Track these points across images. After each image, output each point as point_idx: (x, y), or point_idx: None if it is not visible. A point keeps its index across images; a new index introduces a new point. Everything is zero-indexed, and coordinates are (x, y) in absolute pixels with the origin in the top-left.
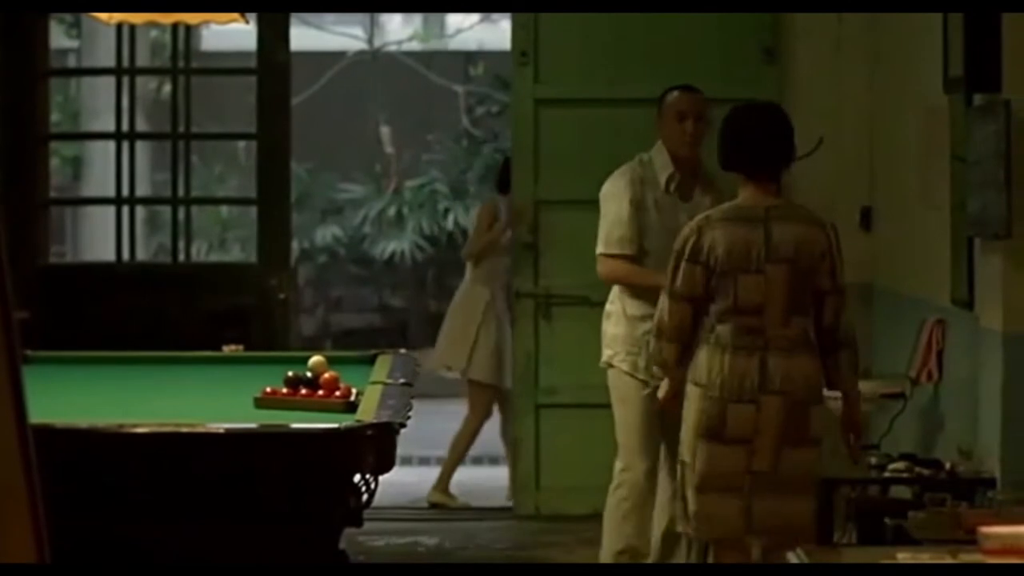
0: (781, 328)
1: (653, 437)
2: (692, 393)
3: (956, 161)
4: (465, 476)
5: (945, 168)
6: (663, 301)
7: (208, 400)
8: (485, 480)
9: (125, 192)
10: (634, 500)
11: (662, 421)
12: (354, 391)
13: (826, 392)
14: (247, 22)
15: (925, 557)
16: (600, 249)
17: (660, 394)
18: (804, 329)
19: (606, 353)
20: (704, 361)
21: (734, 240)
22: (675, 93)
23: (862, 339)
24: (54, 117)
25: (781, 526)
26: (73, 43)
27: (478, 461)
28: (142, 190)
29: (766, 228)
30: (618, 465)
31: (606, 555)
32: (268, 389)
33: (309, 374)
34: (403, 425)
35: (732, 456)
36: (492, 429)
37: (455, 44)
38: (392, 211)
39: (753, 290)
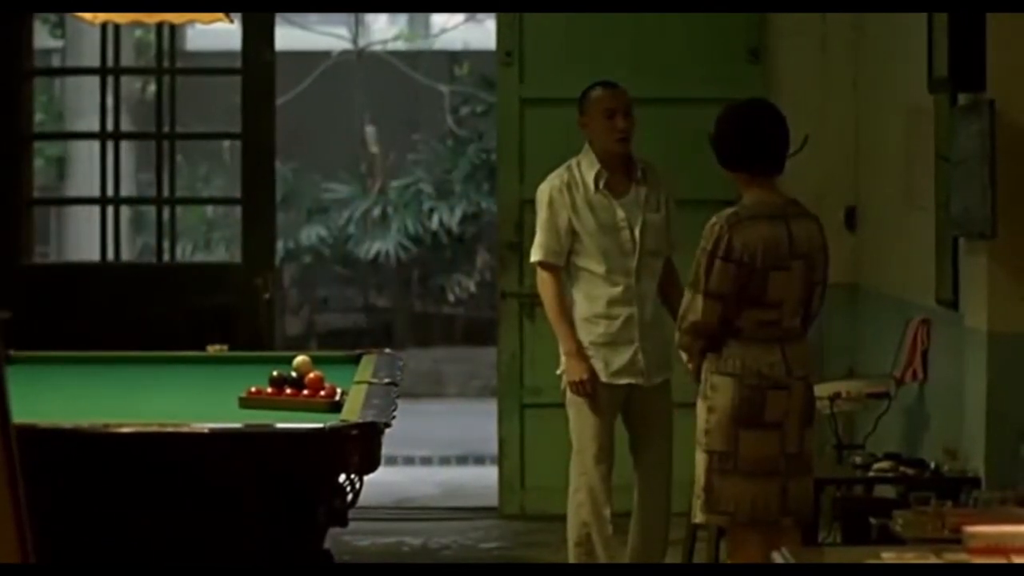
0: (792, 319)
1: (610, 440)
2: (723, 384)
3: (941, 161)
4: (449, 476)
5: (930, 168)
6: (693, 299)
7: (193, 400)
8: (471, 480)
9: (110, 192)
10: (591, 504)
11: (632, 423)
12: (339, 391)
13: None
14: (232, 22)
15: (910, 557)
16: (531, 255)
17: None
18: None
19: (563, 360)
20: (733, 352)
21: (767, 238)
22: (598, 90)
23: (847, 339)
24: (38, 117)
25: (807, 504)
26: (57, 43)
27: (464, 461)
28: (127, 190)
29: (787, 225)
30: (575, 470)
31: (570, 551)
32: (253, 389)
33: (294, 374)
34: (388, 425)
35: (769, 440)
36: (483, 429)
37: (440, 44)
38: (377, 211)
39: (781, 286)
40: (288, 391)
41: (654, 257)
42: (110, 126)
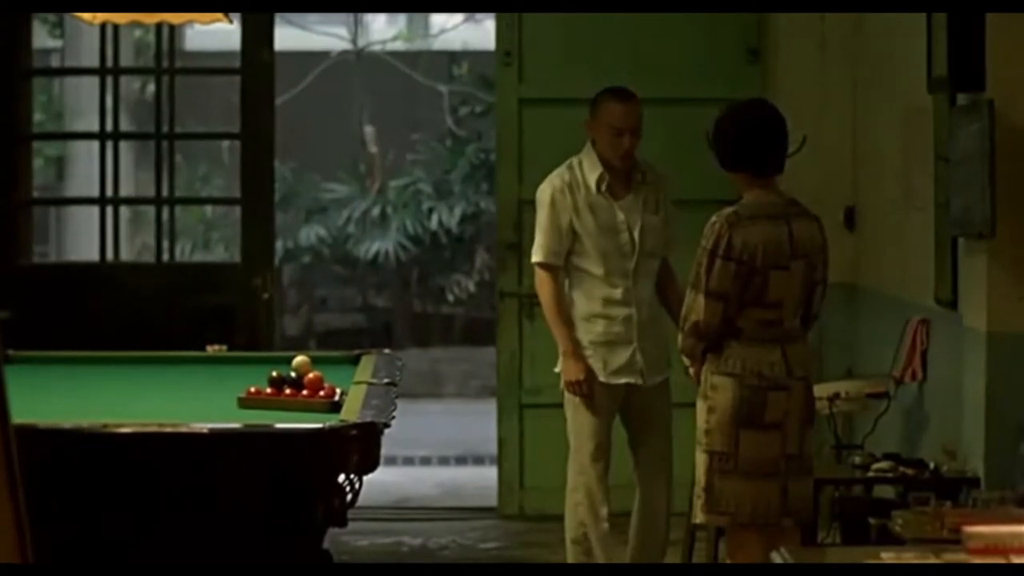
0: (792, 319)
1: (607, 439)
2: (723, 384)
3: (940, 161)
4: (448, 476)
5: (929, 168)
6: (695, 299)
7: (192, 400)
8: (469, 480)
9: (109, 192)
10: (588, 503)
11: (631, 423)
12: (338, 391)
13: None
14: (231, 22)
15: (909, 557)
16: (532, 256)
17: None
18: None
19: (560, 360)
20: (734, 352)
21: (768, 238)
22: (613, 103)
23: (846, 339)
24: (37, 117)
25: (807, 505)
26: (56, 43)
27: (463, 461)
28: (126, 190)
29: (788, 225)
30: (572, 469)
31: (567, 550)
32: (252, 389)
33: (293, 374)
34: (387, 425)
35: (770, 441)
36: (482, 429)
37: (439, 44)
38: (376, 211)
39: (781, 286)
40: (287, 391)
41: (652, 258)
42: (109, 126)
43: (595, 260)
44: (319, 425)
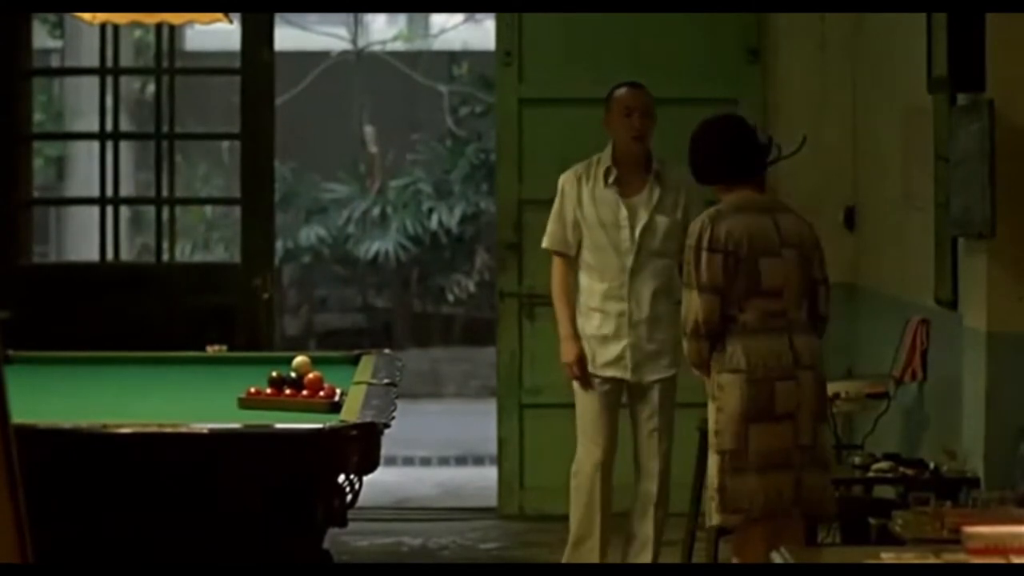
0: (796, 310)
1: (609, 428)
2: (730, 381)
3: (940, 161)
4: (448, 476)
5: (929, 168)
6: (689, 298)
7: (192, 400)
8: (469, 480)
9: (109, 192)
10: (588, 489)
11: (631, 415)
12: (338, 391)
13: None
14: (231, 22)
15: (909, 557)
16: (543, 242)
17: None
18: (806, 311)
19: None
20: (737, 348)
21: (753, 228)
22: (622, 89)
23: (846, 339)
24: (37, 117)
25: (822, 498)
26: (56, 43)
27: (463, 461)
28: (126, 190)
29: (774, 217)
30: (576, 455)
31: (568, 542)
32: (252, 389)
33: (293, 374)
34: (387, 425)
35: (782, 432)
36: (482, 429)
37: (439, 44)
38: (376, 211)
39: (775, 273)
40: (287, 392)
41: (658, 257)
42: (109, 126)
43: (593, 253)
44: (319, 425)
